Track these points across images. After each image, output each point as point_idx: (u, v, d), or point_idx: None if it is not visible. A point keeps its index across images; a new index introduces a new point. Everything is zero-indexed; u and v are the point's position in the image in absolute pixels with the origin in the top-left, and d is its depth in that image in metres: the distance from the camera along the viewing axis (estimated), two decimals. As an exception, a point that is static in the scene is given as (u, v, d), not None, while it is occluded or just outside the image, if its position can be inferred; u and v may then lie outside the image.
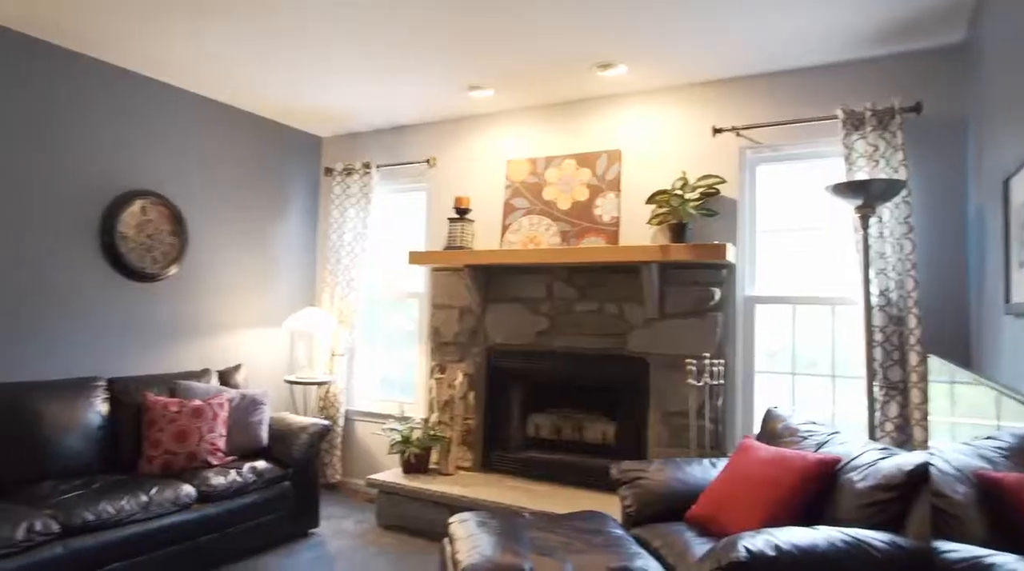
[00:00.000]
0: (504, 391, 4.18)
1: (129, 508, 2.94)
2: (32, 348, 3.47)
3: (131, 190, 3.88)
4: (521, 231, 4.11)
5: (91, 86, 3.71)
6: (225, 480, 3.35)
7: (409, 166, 4.64)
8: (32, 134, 3.47)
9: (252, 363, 4.50)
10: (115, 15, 3.15)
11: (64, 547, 2.70)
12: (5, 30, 3.34)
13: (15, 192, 3.41)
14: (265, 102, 4.37)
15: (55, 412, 3.23)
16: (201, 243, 4.26)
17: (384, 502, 3.94)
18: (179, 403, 3.50)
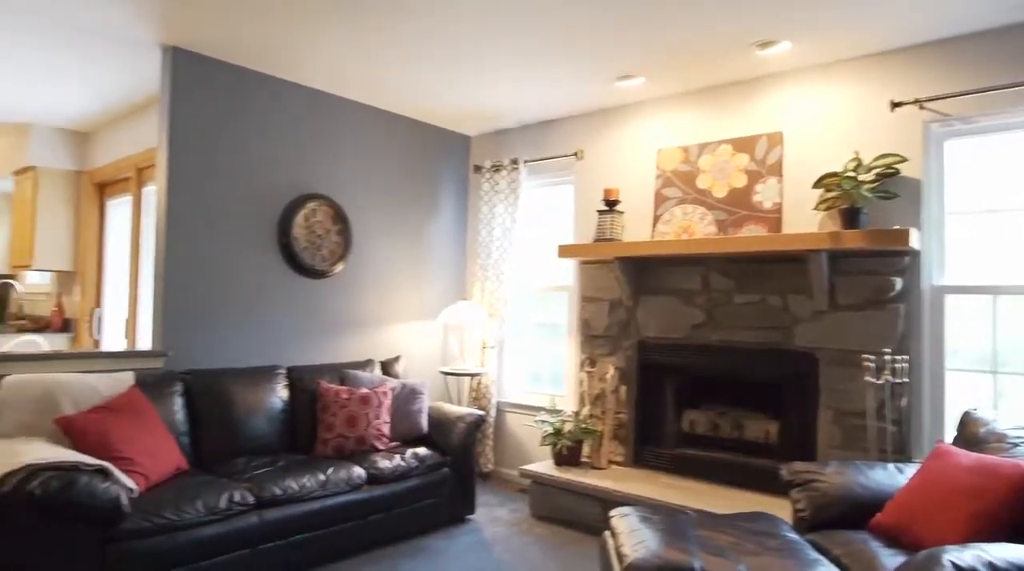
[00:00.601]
0: (656, 386, 4.08)
1: (310, 485, 3.19)
2: (223, 337, 3.86)
3: (303, 194, 4.20)
4: (673, 221, 3.99)
5: (270, 101, 4.06)
6: (391, 464, 3.54)
7: (556, 160, 4.66)
8: (228, 147, 3.87)
9: (409, 354, 4.72)
10: (286, 35, 3.42)
11: (258, 517, 2.98)
12: (207, 58, 3.75)
13: (214, 200, 3.81)
14: (417, 106, 4.56)
15: (245, 396, 3.57)
16: (363, 242, 4.52)
17: (537, 492, 3.99)
18: (348, 391, 3.74)
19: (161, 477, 2.99)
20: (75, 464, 2.57)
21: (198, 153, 3.77)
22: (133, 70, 4.12)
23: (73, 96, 4.70)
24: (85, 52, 3.86)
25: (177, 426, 3.31)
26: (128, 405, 3.08)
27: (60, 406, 2.96)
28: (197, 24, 3.41)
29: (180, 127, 3.71)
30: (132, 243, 4.86)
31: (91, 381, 3.12)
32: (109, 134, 5.35)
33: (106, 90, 4.54)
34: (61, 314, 5.65)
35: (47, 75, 4.29)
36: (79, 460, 2.61)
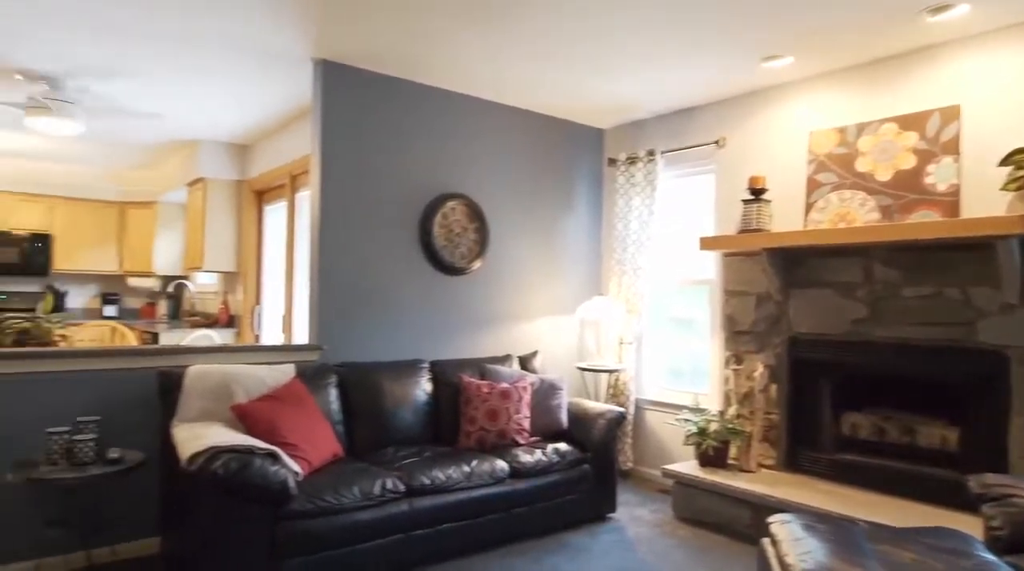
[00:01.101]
0: (811, 385, 3.81)
1: (456, 477, 3.26)
2: (370, 332, 4.04)
3: (442, 194, 4.31)
4: (829, 209, 3.71)
5: (410, 105, 4.20)
6: (532, 458, 3.55)
7: (695, 149, 4.48)
8: (374, 152, 4.05)
9: (546, 350, 4.73)
10: (424, 43, 3.51)
11: (409, 505, 3.09)
12: (352, 69, 3.94)
13: (362, 202, 4.01)
14: (550, 102, 4.55)
15: (393, 389, 3.72)
16: (499, 239, 4.58)
17: (680, 494, 3.85)
18: (489, 385, 3.80)
19: (321, 463, 3.17)
20: (250, 448, 2.78)
21: (347, 158, 3.97)
22: (287, 85, 4.42)
23: (235, 113, 5.13)
24: (247, 73, 4.18)
25: (332, 415, 3.50)
26: (291, 395, 3.30)
27: (234, 394, 3.22)
28: (344, 38, 3.59)
29: (331, 135, 3.93)
30: (287, 245, 5.23)
31: (259, 372, 3.37)
32: (265, 145, 5.78)
33: (263, 106, 4.91)
34: (227, 311, 6.19)
35: (214, 97, 4.71)
36: (253, 444, 2.82)
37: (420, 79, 4.20)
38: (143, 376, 3.29)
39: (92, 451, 2.85)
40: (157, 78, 4.35)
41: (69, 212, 7.24)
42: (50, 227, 7.15)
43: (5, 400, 2.98)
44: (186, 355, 3.44)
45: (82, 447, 2.83)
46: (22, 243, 6.98)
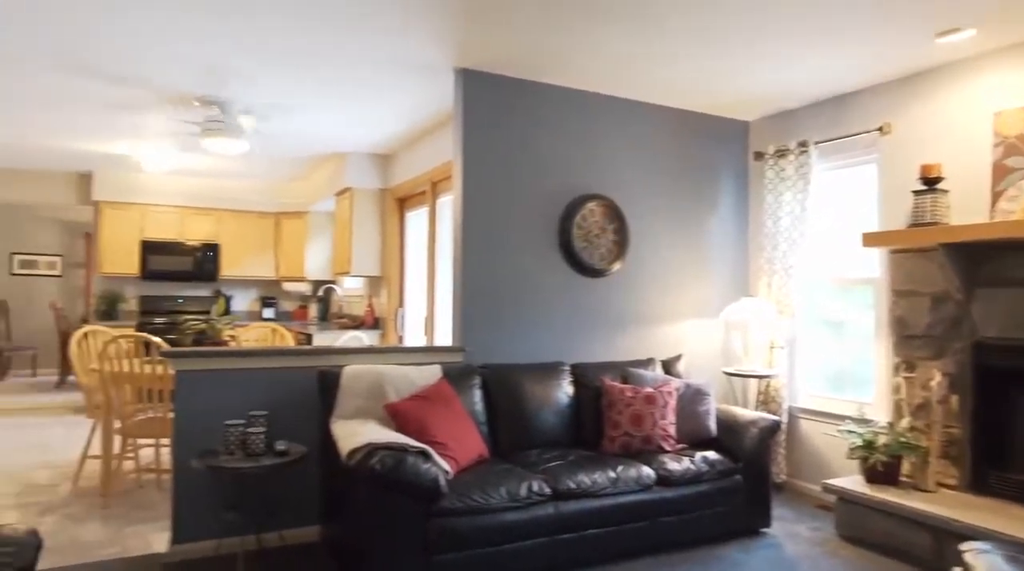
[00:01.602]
0: (1002, 397, 3.38)
1: (601, 482, 3.20)
2: (511, 334, 4.07)
3: (581, 195, 4.27)
4: (1022, 197, 3.28)
5: (548, 108, 4.20)
6: (680, 466, 3.41)
7: (854, 138, 4.13)
8: (513, 156, 4.10)
9: (689, 354, 4.55)
10: (561, 46, 3.48)
11: (554, 508, 3.06)
12: (492, 75, 4.01)
13: (503, 206, 4.06)
14: (690, 96, 4.38)
15: (535, 391, 3.71)
16: (639, 239, 4.47)
17: (844, 511, 3.55)
18: (633, 389, 3.70)
19: (468, 462, 3.22)
20: (404, 446, 2.87)
21: (487, 163, 4.04)
22: (428, 96, 4.57)
23: (379, 125, 5.37)
24: (392, 87, 4.37)
25: (477, 416, 3.55)
26: (439, 395, 3.38)
27: (386, 393, 3.35)
28: (484, 46, 3.65)
29: (472, 141, 4.01)
30: (428, 249, 5.41)
31: (408, 372, 3.49)
32: (407, 154, 6.02)
33: (405, 117, 5.11)
34: (372, 313, 6.51)
35: (361, 111, 4.96)
36: (407, 442, 2.91)
37: (557, 82, 4.19)
38: (303, 374, 3.50)
39: (263, 443, 3.07)
40: (311, 98, 4.65)
41: (233, 223, 7.94)
42: (218, 237, 7.88)
43: (191, 394, 3.28)
44: (341, 355, 3.62)
45: (254, 439, 3.05)
46: (195, 252, 7.74)
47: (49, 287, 9.78)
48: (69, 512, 3.89)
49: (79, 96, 4.66)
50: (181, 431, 3.26)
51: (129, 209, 7.53)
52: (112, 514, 3.87)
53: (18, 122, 5.41)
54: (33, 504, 4.03)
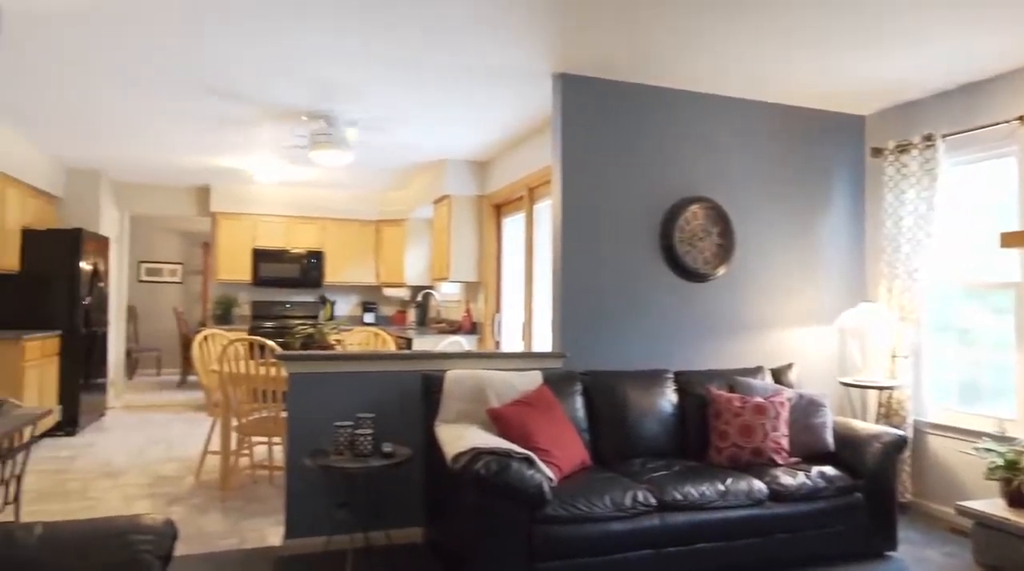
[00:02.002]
0: None
1: (709, 494, 3.07)
2: (611, 340, 4.00)
3: (683, 197, 4.15)
4: None
5: (649, 109, 4.12)
6: (794, 481, 3.23)
7: (989, 130, 3.78)
8: (613, 159, 4.04)
9: (801, 362, 4.31)
10: (664, 46, 3.38)
11: (660, 519, 2.97)
12: (591, 79, 3.97)
13: (602, 210, 4.01)
14: (802, 91, 4.17)
15: (638, 399, 3.62)
16: (745, 242, 4.29)
17: (983, 537, 3.24)
18: (741, 399, 3.54)
19: (570, 469, 3.17)
20: (508, 451, 2.87)
21: (586, 167, 3.99)
22: (525, 102, 4.58)
23: (477, 133, 5.44)
24: (491, 94, 4.42)
25: (578, 423, 3.50)
26: (541, 401, 3.36)
27: (487, 398, 3.36)
28: (583, 51, 3.63)
29: (571, 145, 3.98)
30: (526, 255, 5.42)
31: (509, 377, 3.48)
32: (503, 160, 6.06)
33: (502, 123, 5.14)
34: (470, 318, 6.59)
35: (460, 120, 5.04)
36: (511, 448, 2.90)
37: (659, 82, 4.10)
38: (406, 378, 3.57)
39: (370, 444, 3.14)
40: (412, 109, 4.78)
41: (337, 231, 8.27)
42: (322, 245, 8.23)
43: (303, 396, 3.42)
44: (442, 360, 3.67)
45: (362, 440, 3.13)
46: (301, 259, 8.12)
47: (171, 293, 10.54)
48: (193, 503, 4.15)
49: (199, 115, 4.99)
50: (294, 431, 3.40)
51: (242, 219, 8.00)
52: (230, 507, 4.09)
53: (148, 141, 5.85)
54: (162, 495, 4.32)
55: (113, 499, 4.22)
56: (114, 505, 4.09)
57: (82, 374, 6.14)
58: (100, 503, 4.13)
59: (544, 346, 5.13)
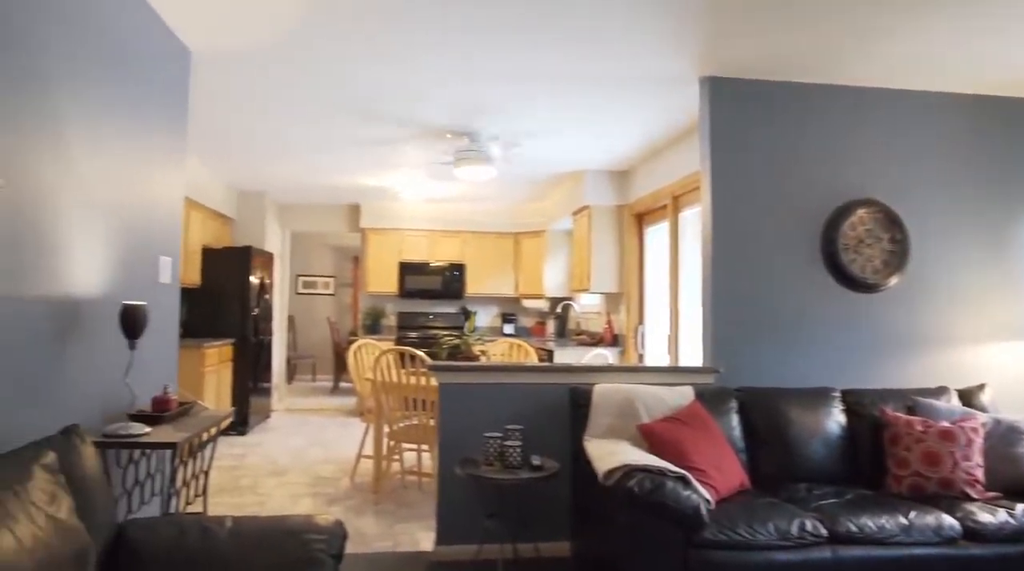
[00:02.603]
0: None
1: (889, 528, 2.77)
2: (768, 354, 3.75)
3: (849, 201, 3.84)
4: None
5: (806, 109, 3.86)
6: (994, 519, 2.83)
7: None
8: (766, 163, 3.83)
9: (996, 383, 3.81)
10: (828, 40, 3.13)
11: (832, 552, 2.71)
12: (739, 81, 3.78)
13: (755, 217, 3.80)
14: (997, 77, 3.71)
15: (801, 418, 3.37)
16: (923, 249, 3.88)
17: None
18: (923, 422, 3.18)
19: (728, 492, 2.99)
20: (662, 469, 2.75)
21: (738, 172, 3.80)
22: (670, 108, 4.45)
23: (618, 142, 5.36)
24: (633, 103, 4.34)
25: (734, 442, 3.31)
26: (695, 418, 3.21)
27: (637, 413, 3.26)
28: (733, 52, 3.49)
29: (720, 150, 3.81)
30: (670, 265, 5.25)
31: (659, 392, 3.36)
32: (645, 169, 5.93)
33: (645, 131, 5.03)
34: (611, 330, 6.48)
35: (601, 129, 4.99)
36: (665, 466, 2.79)
37: (818, 79, 3.83)
38: (551, 390, 3.55)
39: (519, 456, 3.14)
40: (553, 122, 4.79)
41: (477, 244, 8.48)
42: (463, 257, 8.46)
43: (452, 405, 3.49)
44: (588, 373, 3.61)
45: (512, 452, 3.14)
46: (443, 272, 8.39)
47: (325, 304, 11.30)
48: (349, 504, 4.36)
49: (354, 139, 5.30)
50: (444, 439, 3.47)
51: (389, 234, 8.41)
52: (383, 510, 4.26)
53: (307, 164, 6.32)
54: (322, 495, 4.58)
55: (280, 496, 4.53)
56: (281, 502, 4.40)
57: (251, 378, 6.70)
58: (269, 499, 4.45)
59: (692, 360, 4.94)
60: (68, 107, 2.35)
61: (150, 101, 3.10)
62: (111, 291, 2.67)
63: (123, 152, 2.82)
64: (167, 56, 3.29)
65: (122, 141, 2.80)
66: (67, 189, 2.36)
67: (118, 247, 2.77)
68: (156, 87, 3.17)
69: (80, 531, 1.67)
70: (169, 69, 3.32)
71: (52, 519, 1.57)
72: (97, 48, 2.54)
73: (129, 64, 2.86)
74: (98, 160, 2.58)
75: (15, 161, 2.06)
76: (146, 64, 3.04)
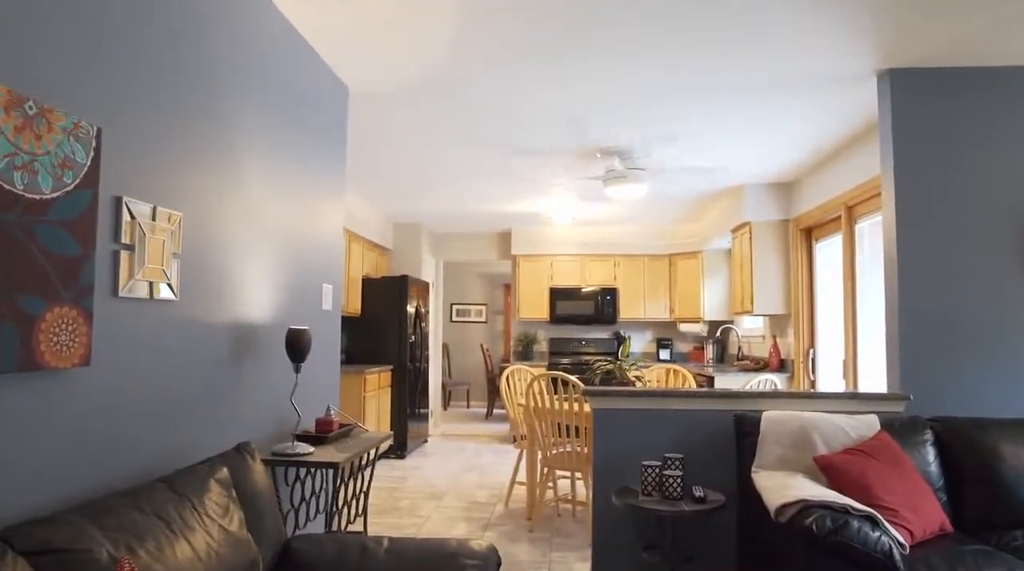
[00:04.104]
0: None
1: None
2: (968, 379, 3.25)
3: (1068, 197, 3.26)
4: None
5: (1015, 95, 3.35)
6: None
7: None
8: (959, 161, 3.37)
9: None
10: None
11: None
12: (923, 70, 3.37)
13: (949, 223, 3.35)
14: None
15: (1015, 454, 2.85)
16: None
17: None
18: None
19: (925, 535, 2.59)
20: (845, 507, 2.43)
21: (928, 173, 3.37)
22: (840, 110, 4.07)
23: (781, 153, 5.00)
24: (797, 109, 4.01)
25: (930, 479, 2.87)
26: (882, 450, 2.82)
27: (813, 443, 2.93)
28: (914, 39, 3.09)
29: (904, 148, 3.40)
30: (845, 282, 4.76)
31: (838, 421, 3.01)
32: (812, 179, 5.48)
33: (811, 137, 4.64)
34: (778, 355, 6.00)
35: (762, 141, 4.68)
36: (848, 503, 2.46)
37: (1014, 61, 3.31)
38: (713, 417, 3.30)
39: (679, 486, 2.93)
40: (710, 134, 4.56)
41: (629, 267, 8.29)
42: (615, 281, 8.30)
43: (607, 431, 3.35)
44: (754, 399, 3.32)
45: (671, 482, 2.94)
46: (595, 297, 8.28)
47: (477, 331, 11.58)
48: (503, 530, 4.33)
49: (503, 167, 5.40)
50: (598, 466, 3.34)
51: (539, 260, 8.47)
52: (537, 538, 4.18)
53: (459, 194, 6.53)
54: (477, 519, 4.60)
55: (437, 519, 4.60)
56: (438, 525, 4.46)
57: (409, 404, 6.96)
58: (427, 522, 4.54)
59: (873, 386, 4.42)
60: (243, 144, 2.57)
61: (314, 136, 3.34)
62: (280, 316, 2.86)
63: (291, 185, 3.04)
64: (327, 92, 3.53)
65: (290, 175, 3.02)
66: (244, 221, 2.57)
67: (287, 275, 2.97)
68: (319, 123, 3.41)
69: (250, 543, 1.75)
70: (329, 105, 3.55)
71: (224, 531, 1.65)
72: (264, 87, 2.77)
73: (294, 101, 3.09)
74: (269, 193, 2.80)
75: (201, 196, 2.27)
76: (309, 101, 3.28)
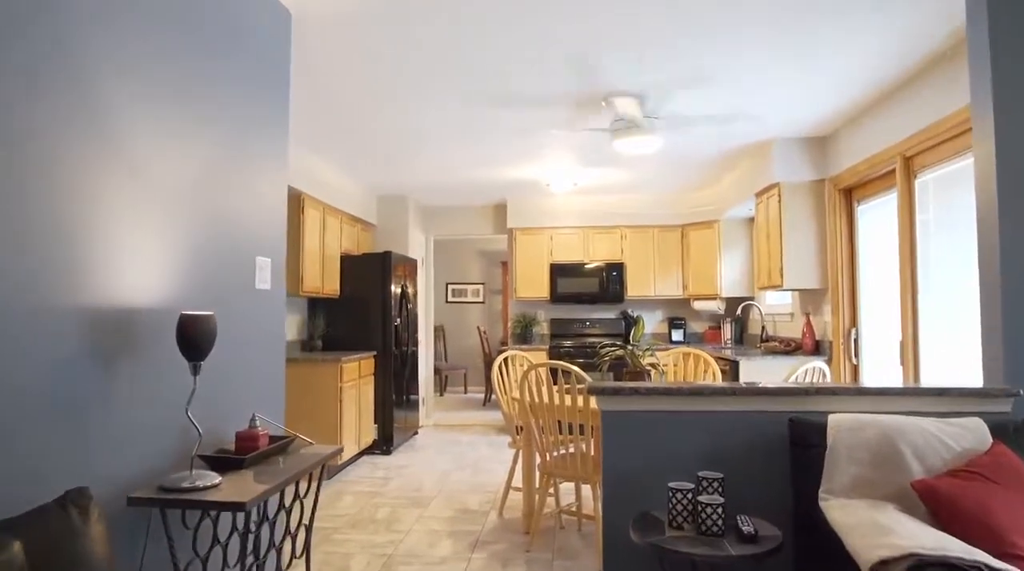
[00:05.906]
0: None
1: None
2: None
3: None
4: None
5: None
6: None
7: None
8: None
9: None
10: None
11: None
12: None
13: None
14: None
15: None
16: None
17: None
18: None
19: (1071, 594, 1.84)
20: (977, 564, 1.68)
21: (1037, 99, 2.57)
22: (891, 36, 3.27)
23: (815, 98, 4.18)
24: (836, 39, 3.18)
25: (1062, 508, 2.11)
26: (1002, 470, 2.07)
27: (904, 460, 2.17)
28: None
29: (1007, 64, 2.60)
30: (901, 249, 3.97)
31: (933, 428, 2.25)
32: (853, 130, 4.67)
33: (855, 78, 3.83)
34: (812, 335, 5.23)
35: (793, 81, 3.84)
36: (979, 559, 1.71)
37: None
38: (757, 421, 2.55)
39: (720, 518, 2.19)
40: (733, 76, 3.73)
41: (636, 239, 7.49)
42: (621, 256, 7.51)
43: (619, 438, 2.60)
44: (804, 397, 2.56)
45: (709, 512, 2.19)
46: (600, 273, 7.49)
47: (475, 312, 10.82)
48: (496, 550, 3.61)
49: (492, 122, 4.57)
50: (609, 483, 2.59)
51: (538, 233, 7.68)
52: (535, 558, 3.47)
53: (447, 158, 5.71)
54: (464, 534, 3.87)
55: (418, 533, 3.88)
56: (418, 542, 3.74)
57: (395, 392, 6.22)
58: (406, 538, 3.81)
59: (940, 374, 3.67)
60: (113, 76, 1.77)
61: (239, 71, 2.54)
62: (182, 298, 2.09)
63: (203, 133, 2.24)
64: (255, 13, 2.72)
65: (200, 121, 2.23)
66: (119, 174, 1.79)
67: (195, 246, 2.19)
68: (247, 55, 2.61)
69: None
70: (262, 31, 2.75)
71: None
72: None
73: (206, 26, 2.29)
74: (165, 141, 2.01)
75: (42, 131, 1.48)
76: (228, 25, 2.48)
